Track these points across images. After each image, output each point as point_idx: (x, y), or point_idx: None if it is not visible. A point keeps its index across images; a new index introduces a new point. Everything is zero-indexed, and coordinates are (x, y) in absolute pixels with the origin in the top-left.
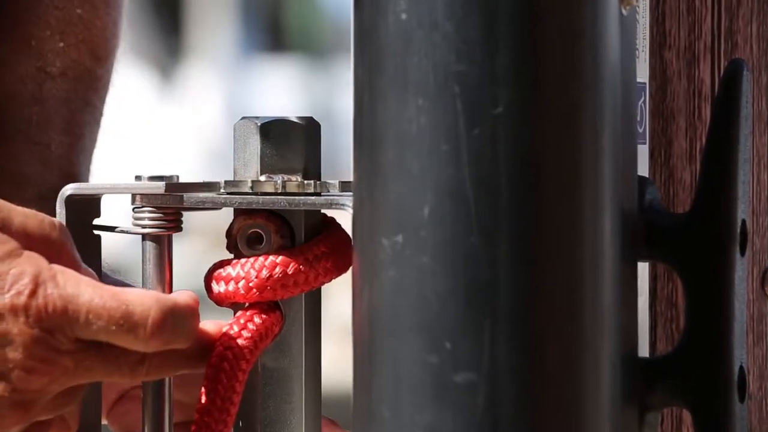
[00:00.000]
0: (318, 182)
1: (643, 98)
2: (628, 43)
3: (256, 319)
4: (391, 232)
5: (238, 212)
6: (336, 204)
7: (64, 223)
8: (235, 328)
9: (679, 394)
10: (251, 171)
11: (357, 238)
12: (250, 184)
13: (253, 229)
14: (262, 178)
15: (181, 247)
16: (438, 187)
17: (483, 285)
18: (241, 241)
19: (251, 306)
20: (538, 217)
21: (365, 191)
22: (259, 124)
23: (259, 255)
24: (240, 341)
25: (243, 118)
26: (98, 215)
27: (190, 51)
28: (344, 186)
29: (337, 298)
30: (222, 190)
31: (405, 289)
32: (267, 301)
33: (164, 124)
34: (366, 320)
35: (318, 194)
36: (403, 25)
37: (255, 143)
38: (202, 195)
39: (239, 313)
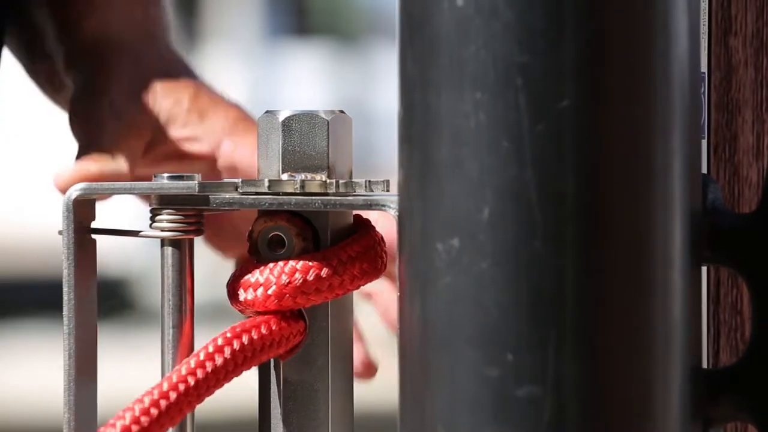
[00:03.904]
0: (341, 182)
1: (702, 89)
2: (694, 31)
3: (273, 326)
4: (447, 235)
5: (259, 214)
6: (376, 204)
7: (71, 228)
8: (237, 330)
9: (745, 408)
10: (273, 169)
11: (406, 242)
12: (267, 184)
13: (275, 231)
14: (284, 176)
15: (196, 251)
16: (498, 187)
17: (547, 293)
18: (261, 244)
19: (272, 313)
20: (607, 221)
21: (416, 191)
22: (280, 119)
23: (279, 260)
24: (236, 343)
25: (266, 112)
26: (93, 218)
27: (208, 34)
28: (373, 185)
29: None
30: (240, 190)
31: (462, 298)
32: (289, 310)
33: None
34: (418, 331)
35: (352, 194)
36: (460, 12)
37: (277, 139)
38: (228, 196)
39: (258, 318)
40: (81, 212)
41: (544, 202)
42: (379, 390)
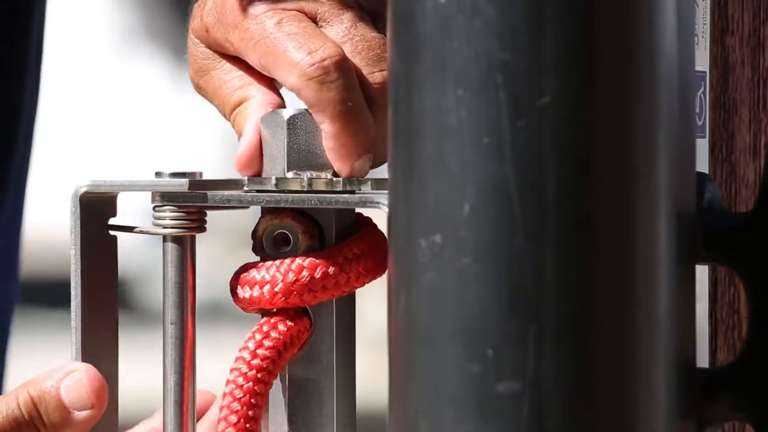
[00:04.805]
0: (347, 179)
1: (702, 88)
2: (685, 28)
3: (281, 327)
4: (429, 231)
5: (264, 212)
6: (370, 202)
7: (78, 221)
8: (257, 337)
9: (742, 408)
10: (279, 167)
11: (393, 238)
12: (274, 182)
13: (280, 229)
14: (289, 174)
15: (198, 249)
16: (479, 183)
17: (528, 289)
18: (267, 242)
19: (277, 312)
20: (588, 217)
21: (401, 188)
22: (285, 117)
23: (285, 257)
24: (261, 351)
25: (271, 111)
26: (114, 214)
27: None
28: (378, 184)
29: (374, 303)
30: (246, 188)
31: (444, 293)
32: (294, 307)
33: (181, 115)
34: (402, 326)
35: (351, 192)
36: (442, 10)
37: (282, 137)
38: (227, 193)
39: (263, 320)
40: (90, 208)
41: (525, 198)
42: (380, 389)
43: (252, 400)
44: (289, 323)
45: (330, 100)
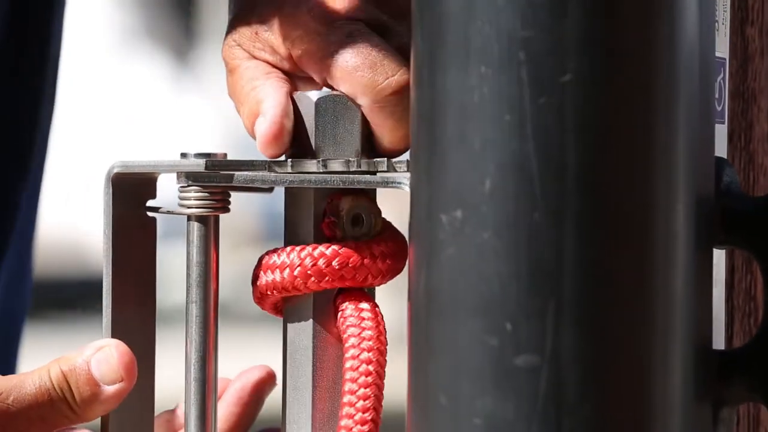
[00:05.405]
0: (366, 161)
1: (722, 75)
2: (706, 13)
3: (376, 308)
4: (450, 207)
5: (341, 193)
6: (392, 182)
7: (110, 201)
8: (367, 313)
9: (757, 389)
10: (350, 150)
11: (414, 215)
12: (388, 165)
13: (358, 210)
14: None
15: None
16: (500, 159)
17: (546, 265)
18: (347, 223)
19: (348, 293)
20: (607, 195)
21: (423, 166)
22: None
23: (363, 238)
24: (380, 327)
25: (321, 96)
26: (153, 196)
27: (205, 34)
28: (396, 165)
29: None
30: (351, 167)
31: (464, 268)
32: (360, 288)
33: (180, 116)
34: (423, 301)
35: (372, 173)
36: None
37: (355, 122)
38: (251, 173)
39: (346, 304)
40: (122, 189)
41: (545, 175)
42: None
43: (383, 382)
44: (370, 302)
45: (396, 126)
